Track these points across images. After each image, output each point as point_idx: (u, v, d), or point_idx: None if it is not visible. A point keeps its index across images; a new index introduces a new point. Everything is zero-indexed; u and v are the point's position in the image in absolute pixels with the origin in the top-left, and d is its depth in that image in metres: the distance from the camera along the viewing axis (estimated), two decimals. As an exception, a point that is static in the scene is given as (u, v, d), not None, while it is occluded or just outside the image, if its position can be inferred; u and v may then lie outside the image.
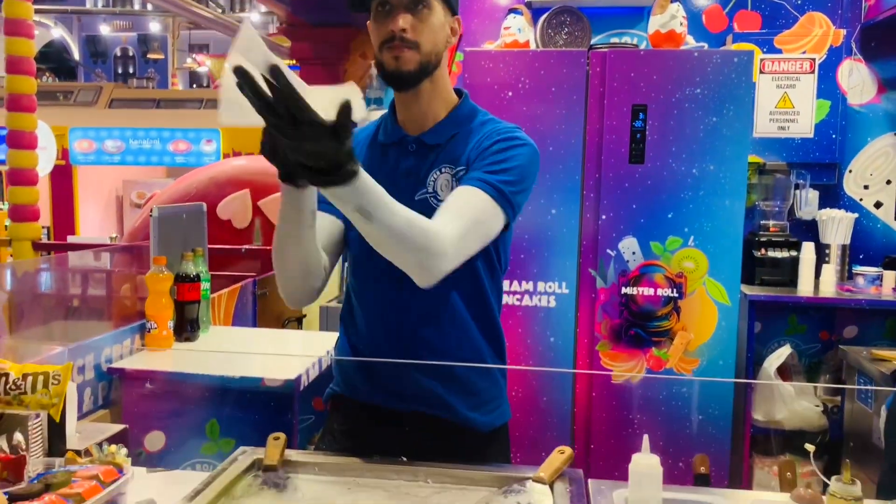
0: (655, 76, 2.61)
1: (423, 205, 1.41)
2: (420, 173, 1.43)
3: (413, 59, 1.36)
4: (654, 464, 1.26)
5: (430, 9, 1.36)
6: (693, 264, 2.65)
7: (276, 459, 1.39)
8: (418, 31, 1.35)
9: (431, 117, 1.45)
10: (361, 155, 1.49)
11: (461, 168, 1.40)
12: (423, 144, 1.44)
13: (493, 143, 1.39)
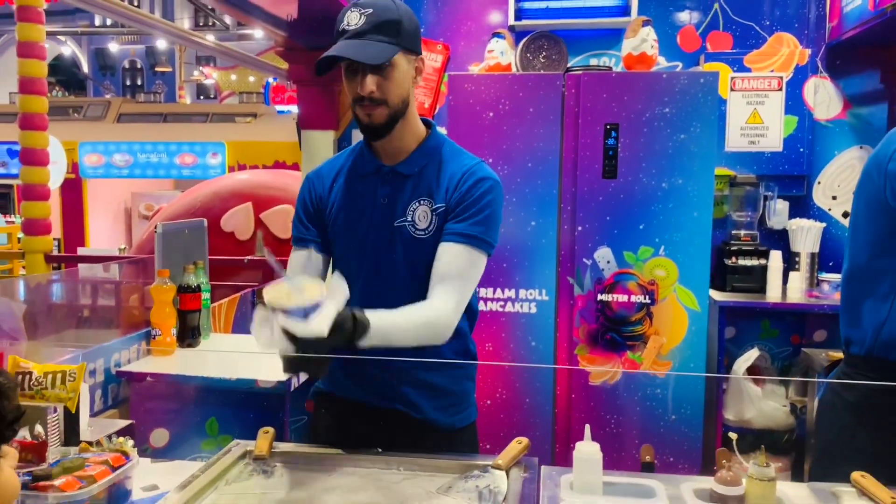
0: (626, 97, 2.78)
1: (401, 231, 1.60)
2: (398, 203, 1.61)
3: (382, 114, 1.54)
4: (594, 451, 1.43)
5: (393, 66, 1.51)
6: (664, 272, 2.81)
7: (266, 450, 1.57)
8: (385, 89, 1.52)
9: (404, 150, 1.63)
10: (339, 186, 1.66)
11: (440, 206, 1.59)
12: (397, 175, 1.62)
13: (469, 187, 1.59)
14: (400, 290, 1.58)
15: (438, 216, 1.59)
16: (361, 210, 1.63)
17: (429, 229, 1.59)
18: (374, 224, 1.61)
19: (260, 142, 8.85)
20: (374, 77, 1.50)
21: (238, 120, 9.86)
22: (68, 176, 8.45)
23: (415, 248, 1.59)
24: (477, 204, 1.58)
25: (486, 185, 1.60)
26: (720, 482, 1.37)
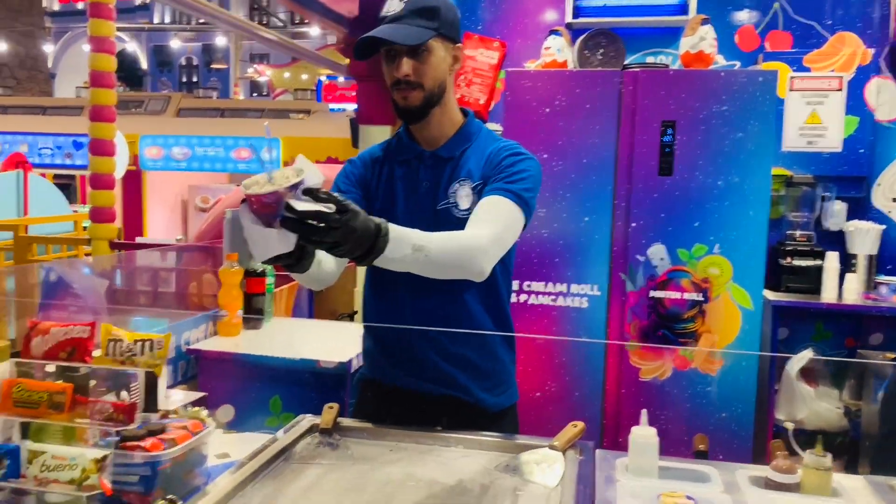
0: (684, 94, 2.79)
1: (446, 214, 1.63)
2: (440, 185, 1.65)
3: (418, 97, 1.58)
4: (650, 434, 1.47)
5: (429, 51, 1.56)
6: (718, 270, 2.81)
7: (331, 424, 1.64)
8: (420, 72, 1.56)
9: (443, 136, 1.67)
10: (381, 171, 1.70)
11: (479, 183, 1.61)
12: (438, 158, 1.66)
13: (503, 158, 1.62)
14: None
15: (479, 194, 1.60)
16: (403, 195, 1.66)
17: (471, 209, 1.60)
18: (417, 208, 1.64)
19: (313, 138, 9.00)
20: (409, 60, 1.54)
21: (292, 116, 10.06)
22: (129, 168, 8.72)
23: (460, 229, 1.57)
24: (513, 168, 1.59)
25: (523, 156, 1.63)
26: (776, 470, 1.39)
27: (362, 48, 1.56)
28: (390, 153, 1.72)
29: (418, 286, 1.54)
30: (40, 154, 9.76)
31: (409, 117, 1.63)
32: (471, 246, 1.45)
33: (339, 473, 1.45)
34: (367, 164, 1.72)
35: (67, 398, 1.28)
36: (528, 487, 1.41)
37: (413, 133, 1.69)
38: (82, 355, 1.36)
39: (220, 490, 1.31)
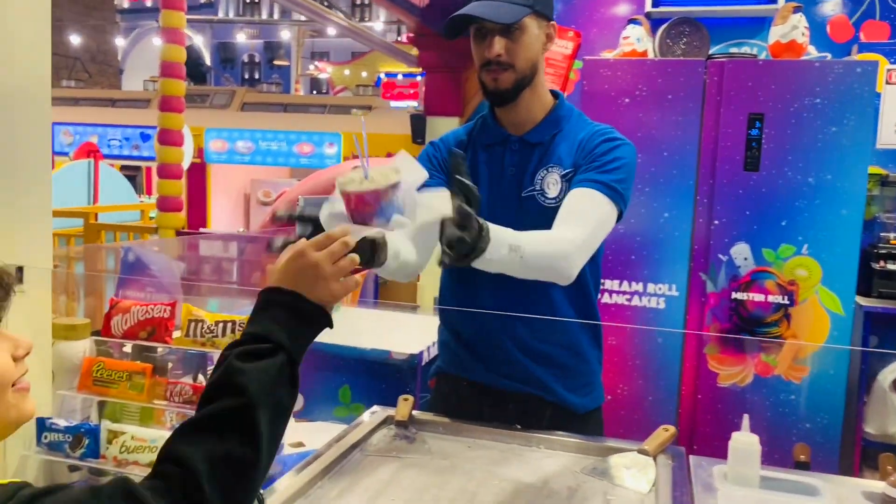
0: (773, 86, 2.64)
1: (530, 201, 1.54)
2: (526, 171, 1.55)
3: (509, 79, 1.49)
4: (753, 441, 1.36)
5: (522, 29, 1.47)
6: (806, 272, 2.66)
7: (406, 416, 1.58)
8: (513, 52, 1.47)
9: (531, 120, 1.57)
10: (469, 154, 1.61)
11: (569, 171, 1.51)
12: (526, 144, 1.57)
13: (597, 144, 1.51)
14: None
15: (568, 182, 1.51)
16: (487, 181, 1.58)
17: (559, 197, 1.51)
18: (501, 195, 1.56)
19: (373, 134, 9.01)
20: (502, 39, 1.46)
21: (353, 112, 10.10)
22: (194, 160, 8.88)
23: (545, 218, 1.50)
24: (607, 155, 1.49)
25: (618, 142, 1.53)
26: (894, 486, 1.27)
27: (451, 26, 1.50)
28: (474, 137, 1.64)
29: (501, 281, 1.45)
30: (109, 145, 10.03)
31: (498, 100, 1.55)
32: (561, 251, 1.37)
33: (418, 468, 1.39)
34: (448, 146, 1.65)
35: (147, 378, 1.24)
36: (618, 492, 1.32)
37: (499, 116, 1.61)
38: (163, 335, 1.32)
39: (298, 480, 1.26)
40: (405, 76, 17.61)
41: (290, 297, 0.92)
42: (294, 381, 0.87)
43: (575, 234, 1.40)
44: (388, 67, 19.13)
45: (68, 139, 9.98)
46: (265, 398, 0.82)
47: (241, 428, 0.80)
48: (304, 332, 0.91)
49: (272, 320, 0.90)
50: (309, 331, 0.93)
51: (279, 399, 0.85)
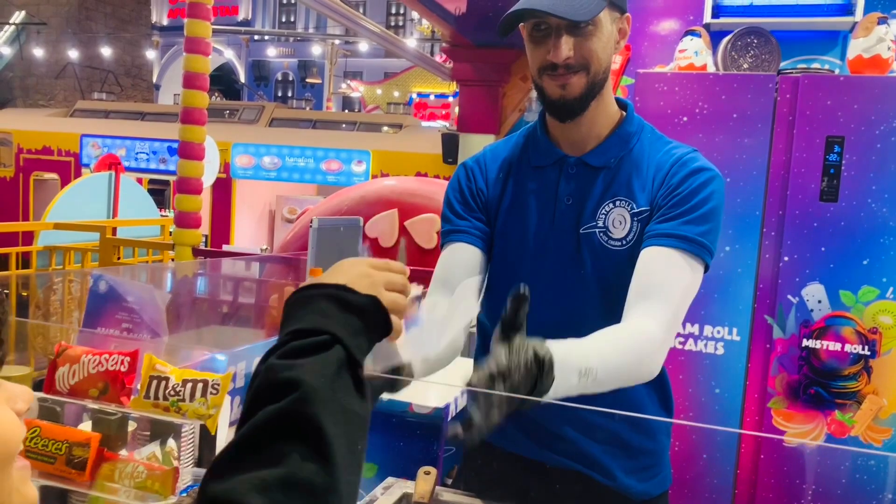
0: (856, 105, 2.32)
1: (589, 239, 1.24)
2: (587, 203, 1.26)
3: (580, 85, 1.20)
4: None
5: (596, 25, 1.18)
6: (891, 319, 2.32)
7: (427, 497, 1.27)
8: (584, 52, 1.18)
9: (594, 136, 1.27)
10: (507, 179, 1.32)
11: (644, 210, 1.22)
12: (586, 167, 1.27)
13: (680, 180, 1.22)
14: (587, 317, 1.22)
15: (641, 222, 1.23)
16: (538, 211, 1.29)
17: (627, 239, 1.23)
18: (554, 229, 1.27)
19: (404, 153, 8.81)
20: (570, 39, 1.17)
21: (384, 130, 9.90)
22: (220, 175, 8.73)
23: (607, 262, 1.24)
24: (692, 199, 1.21)
25: (705, 176, 1.24)
26: None
27: (507, 24, 1.20)
28: (520, 156, 1.34)
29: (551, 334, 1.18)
30: (136, 158, 9.92)
31: (563, 112, 1.24)
32: (642, 356, 1.12)
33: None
34: (487, 171, 1.35)
35: (91, 453, 0.95)
36: None
37: (553, 132, 1.30)
38: (117, 394, 1.03)
39: None
40: (437, 97, 17.47)
41: (334, 289, 0.72)
42: (361, 389, 0.64)
43: (658, 323, 1.13)
44: (420, 88, 19.03)
45: (96, 151, 9.90)
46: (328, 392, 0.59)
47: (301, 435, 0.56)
48: (361, 329, 0.70)
49: (319, 313, 0.70)
50: (366, 328, 0.72)
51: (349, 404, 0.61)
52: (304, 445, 0.55)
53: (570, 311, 1.26)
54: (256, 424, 0.58)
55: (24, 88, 14.44)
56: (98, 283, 1.75)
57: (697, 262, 1.20)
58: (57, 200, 5.88)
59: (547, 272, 1.27)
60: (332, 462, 0.56)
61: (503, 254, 1.32)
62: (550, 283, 1.26)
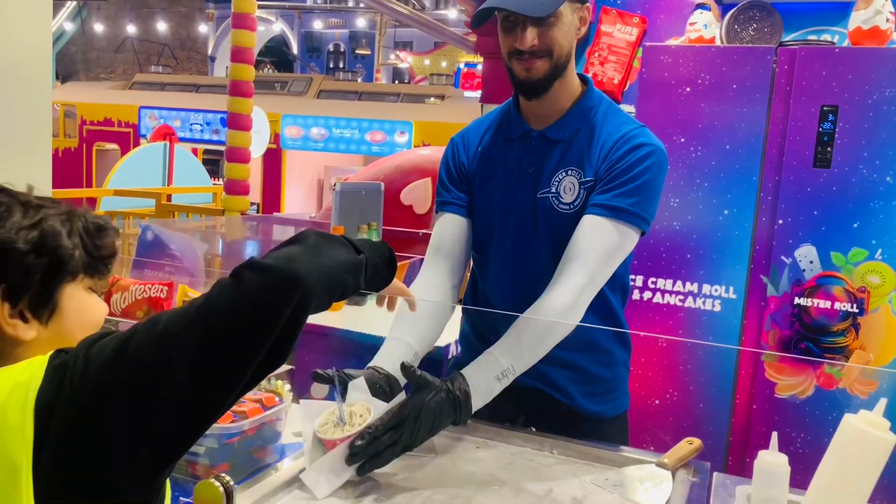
0: (850, 76, 2.44)
1: (544, 203, 1.45)
2: (544, 172, 1.45)
3: (543, 68, 1.38)
4: (781, 462, 1.24)
5: (557, 16, 1.36)
6: (879, 279, 2.45)
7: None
8: (547, 40, 1.36)
9: (557, 111, 1.46)
10: (483, 150, 1.53)
11: (590, 180, 1.42)
12: (546, 139, 1.46)
13: (620, 155, 1.41)
14: (541, 270, 1.44)
15: (586, 190, 1.42)
16: (504, 178, 1.49)
17: (574, 204, 1.43)
18: (517, 195, 1.47)
19: (445, 123, 8.99)
20: (534, 29, 1.35)
21: (427, 101, 10.08)
22: (270, 146, 9.05)
23: (558, 223, 1.44)
24: (629, 172, 1.39)
25: (644, 151, 1.41)
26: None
27: (481, 17, 1.39)
28: (495, 130, 1.54)
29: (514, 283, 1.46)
30: (191, 129, 10.35)
31: (529, 91, 1.43)
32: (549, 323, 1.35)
33: (417, 464, 1.32)
34: (469, 145, 1.57)
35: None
36: (628, 508, 1.22)
37: (523, 108, 1.50)
38: (158, 315, 1.30)
39: (285, 474, 1.22)
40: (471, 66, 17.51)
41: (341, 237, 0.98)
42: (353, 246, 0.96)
43: (568, 288, 1.35)
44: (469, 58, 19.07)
45: (153, 122, 10.36)
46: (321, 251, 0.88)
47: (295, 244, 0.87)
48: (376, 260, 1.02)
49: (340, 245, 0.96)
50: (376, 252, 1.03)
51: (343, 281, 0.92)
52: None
53: (527, 265, 1.49)
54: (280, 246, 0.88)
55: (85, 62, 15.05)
56: (146, 233, 2.02)
57: (629, 228, 1.39)
58: (117, 169, 6.28)
59: (510, 232, 1.49)
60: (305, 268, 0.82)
61: (479, 216, 1.54)
62: (513, 242, 1.49)
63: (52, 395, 0.74)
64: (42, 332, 0.84)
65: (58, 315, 0.85)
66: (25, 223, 0.83)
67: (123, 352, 0.74)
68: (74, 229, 0.87)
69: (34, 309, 0.83)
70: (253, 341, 0.76)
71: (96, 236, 0.89)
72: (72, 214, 0.89)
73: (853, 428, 1.16)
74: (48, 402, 0.73)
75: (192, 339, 0.74)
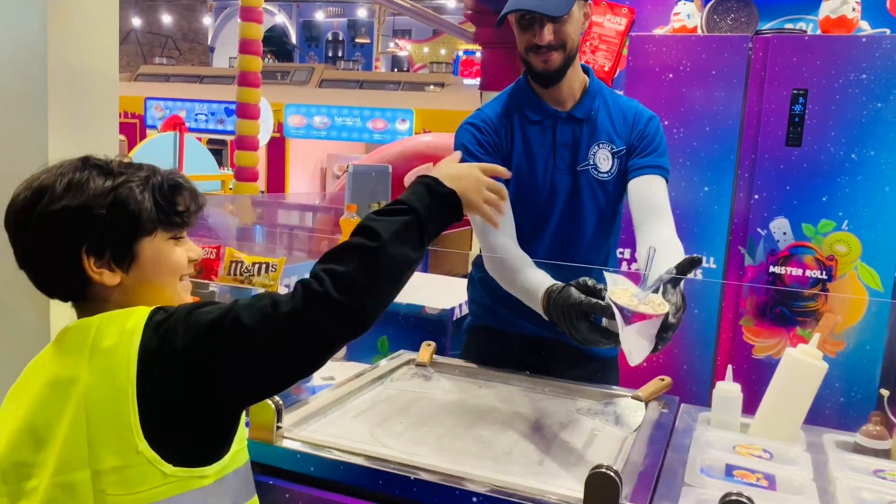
0: (818, 61, 2.65)
1: (585, 175, 1.69)
2: (580, 146, 1.69)
3: (559, 59, 1.61)
4: (735, 390, 1.47)
5: (569, 14, 1.58)
6: (845, 248, 2.68)
7: (427, 359, 1.75)
8: (562, 35, 1.59)
9: (572, 96, 1.70)
10: (514, 133, 1.71)
11: (622, 149, 1.69)
12: (574, 119, 1.69)
13: (645, 126, 1.70)
14: (587, 231, 1.71)
15: (620, 158, 1.69)
16: (545, 155, 1.69)
17: (611, 171, 1.69)
18: (558, 169, 1.69)
19: (445, 110, 9.18)
20: (550, 26, 1.56)
21: (427, 89, 10.28)
22: (274, 135, 9.25)
23: (598, 190, 1.70)
24: (655, 139, 1.69)
25: (656, 122, 1.73)
26: (865, 435, 1.36)
27: (504, 16, 1.60)
28: (516, 113, 1.71)
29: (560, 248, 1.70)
30: (196, 119, 10.55)
31: (547, 81, 1.65)
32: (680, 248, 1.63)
33: (428, 401, 1.56)
34: (496, 127, 1.71)
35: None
36: (605, 429, 1.45)
37: (541, 94, 1.69)
38: (209, 274, 1.53)
39: (320, 402, 1.45)
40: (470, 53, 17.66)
41: (431, 179, 1.13)
42: (422, 243, 1.05)
43: (671, 230, 1.65)
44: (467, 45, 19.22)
45: (159, 113, 10.56)
46: (394, 246, 1.00)
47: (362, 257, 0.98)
48: (436, 207, 1.11)
49: (412, 193, 1.10)
50: (440, 207, 1.12)
51: (405, 252, 1.02)
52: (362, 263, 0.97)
53: (571, 231, 1.72)
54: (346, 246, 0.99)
55: (89, 54, 15.18)
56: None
57: (666, 180, 1.69)
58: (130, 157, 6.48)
59: (555, 203, 1.71)
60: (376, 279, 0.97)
61: (517, 191, 1.70)
62: (558, 211, 1.71)
63: (153, 345, 0.93)
64: (125, 279, 1.01)
65: (137, 264, 1.01)
66: (104, 189, 0.99)
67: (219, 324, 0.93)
68: (149, 189, 1.02)
69: (117, 260, 1.00)
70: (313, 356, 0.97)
71: (170, 194, 1.04)
72: (150, 177, 1.03)
73: (792, 358, 1.39)
74: (150, 350, 0.93)
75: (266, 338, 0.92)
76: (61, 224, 0.97)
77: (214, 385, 0.93)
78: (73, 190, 0.98)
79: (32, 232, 0.98)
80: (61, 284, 1.02)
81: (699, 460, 1.25)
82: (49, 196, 0.97)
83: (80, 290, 1.01)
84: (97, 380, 0.92)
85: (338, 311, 0.93)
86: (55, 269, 1.00)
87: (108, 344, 0.94)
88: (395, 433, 1.35)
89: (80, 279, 0.99)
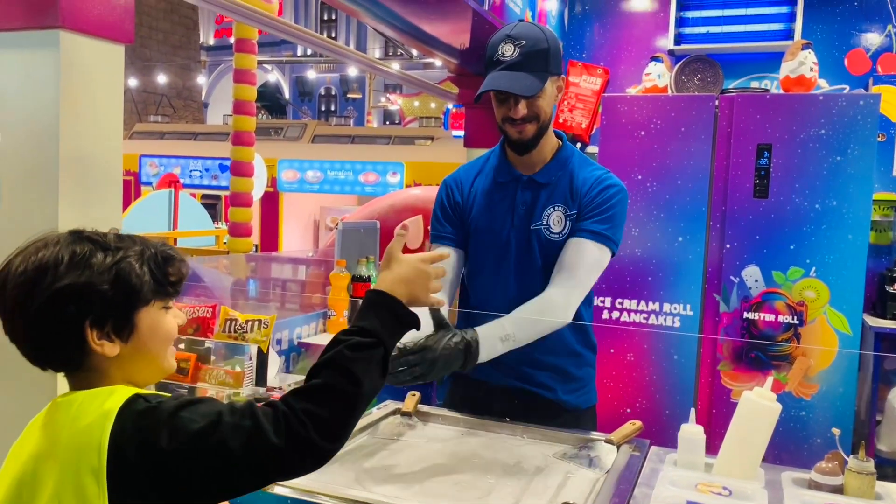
0: (780, 118, 2.82)
1: (537, 234, 1.81)
2: (536, 208, 1.81)
3: (532, 130, 1.75)
4: (698, 432, 1.57)
5: (542, 90, 1.71)
6: (814, 294, 2.80)
7: (412, 408, 1.84)
8: (535, 109, 1.72)
9: (541, 161, 1.83)
10: (478, 192, 1.87)
11: (573, 213, 1.79)
12: (535, 183, 1.83)
13: (595, 194, 1.78)
14: (535, 286, 1.79)
15: (571, 221, 1.78)
16: (502, 215, 1.83)
17: (562, 232, 1.79)
18: (514, 227, 1.82)
19: (435, 163, 9.39)
20: (524, 102, 1.69)
21: (417, 142, 10.51)
22: (267, 189, 9.42)
23: (549, 249, 1.79)
24: (604, 205, 1.76)
25: (614, 189, 1.79)
26: (819, 472, 1.46)
27: (480, 94, 1.72)
28: (486, 175, 1.87)
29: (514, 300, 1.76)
30: (190, 175, 10.73)
31: (522, 149, 1.78)
32: (546, 311, 1.69)
33: (412, 448, 1.65)
34: (462, 186, 1.89)
35: (191, 365, 1.55)
36: (579, 472, 1.55)
37: (511, 158, 1.84)
38: (205, 331, 1.63)
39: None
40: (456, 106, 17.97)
41: (392, 301, 1.18)
42: (384, 371, 1.12)
43: (561, 289, 1.72)
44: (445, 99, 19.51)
45: (154, 170, 10.74)
46: (369, 384, 1.07)
47: (343, 403, 1.04)
48: (398, 332, 1.18)
49: (378, 319, 1.15)
50: (402, 331, 1.19)
51: (377, 386, 1.10)
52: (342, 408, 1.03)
53: (523, 284, 1.83)
54: (327, 385, 1.03)
55: (86, 113, 15.48)
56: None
57: (604, 248, 1.76)
58: (126, 214, 6.63)
59: (509, 258, 1.83)
60: (350, 422, 1.03)
61: (476, 246, 1.87)
62: (511, 266, 1.83)
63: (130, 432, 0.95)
64: (124, 349, 1.05)
65: (136, 334, 1.06)
66: (105, 265, 1.03)
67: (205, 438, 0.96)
68: (146, 262, 1.07)
69: (116, 331, 1.04)
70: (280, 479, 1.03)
71: (164, 265, 1.09)
72: (144, 250, 1.08)
73: (748, 400, 1.50)
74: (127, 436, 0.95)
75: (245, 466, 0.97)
76: (67, 300, 1.00)
77: (186, 488, 0.97)
78: (76, 267, 1.01)
79: (35, 308, 1.00)
80: (59, 357, 1.05)
81: (662, 498, 1.34)
82: (52, 273, 1.00)
83: (77, 361, 1.03)
84: (72, 457, 0.96)
85: (319, 455, 1.00)
86: (57, 342, 1.03)
87: (85, 423, 0.96)
88: (379, 479, 1.44)
89: (81, 351, 1.03)
